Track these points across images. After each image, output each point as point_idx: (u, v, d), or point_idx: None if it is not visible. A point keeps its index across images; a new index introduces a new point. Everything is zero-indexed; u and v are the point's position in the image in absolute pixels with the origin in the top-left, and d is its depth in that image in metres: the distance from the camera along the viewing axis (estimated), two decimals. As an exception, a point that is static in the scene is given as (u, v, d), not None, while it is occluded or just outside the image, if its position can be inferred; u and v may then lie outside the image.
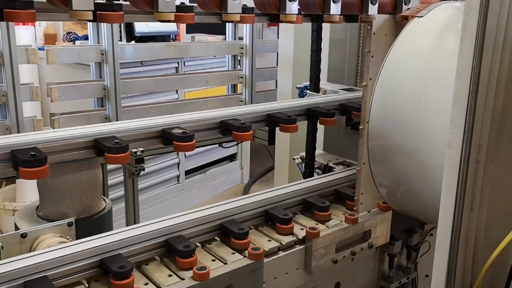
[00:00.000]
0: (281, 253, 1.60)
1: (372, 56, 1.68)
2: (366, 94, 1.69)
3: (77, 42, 4.76)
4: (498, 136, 1.11)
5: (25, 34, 4.58)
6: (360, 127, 1.73)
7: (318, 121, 2.04)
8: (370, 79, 1.69)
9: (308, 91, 2.63)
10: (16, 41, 3.26)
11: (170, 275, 1.42)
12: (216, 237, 1.63)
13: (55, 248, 1.39)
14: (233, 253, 1.54)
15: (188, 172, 5.21)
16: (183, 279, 1.40)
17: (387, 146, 1.67)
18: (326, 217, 1.77)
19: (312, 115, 2.04)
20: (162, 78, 4.18)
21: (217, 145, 4.69)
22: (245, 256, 1.52)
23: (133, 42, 4.55)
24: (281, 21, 1.67)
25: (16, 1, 1.21)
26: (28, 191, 4.06)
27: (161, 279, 1.40)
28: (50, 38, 5.04)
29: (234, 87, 4.77)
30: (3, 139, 1.46)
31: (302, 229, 1.70)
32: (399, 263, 2.14)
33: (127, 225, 2.21)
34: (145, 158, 2.69)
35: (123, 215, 3.12)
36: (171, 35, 5.04)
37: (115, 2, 1.41)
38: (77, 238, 1.68)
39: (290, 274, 1.63)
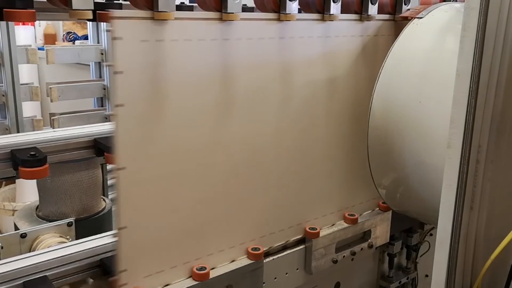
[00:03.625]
0: (281, 253, 1.60)
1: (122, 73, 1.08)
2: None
3: (77, 42, 4.77)
4: (498, 136, 1.11)
5: (25, 34, 4.58)
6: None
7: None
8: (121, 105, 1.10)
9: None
10: (15, 41, 3.26)
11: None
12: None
13: (55, 248, 1.39)
14: (233, 253, 1.54)
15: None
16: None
17: (386, 146, 1.67)
18: (326, 217, 1.77)
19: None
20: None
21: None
22: (244, 256, 1.52)
23: (133, 42, 4.55)
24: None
25: (16, 1, 1.21)
26: (27, 191, 4.06)
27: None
28: (49, 38, 5.04)
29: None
30: (3, 139, 1.46)
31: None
32: (399, 263, 2.13)
33: (126, 225, 2.21)
34: (145, 158, 2.68)
35: (123, 215, 3.11)
36: (171, 35, 5.03)
37: (115, 1, 1.41)
38: (77, 238, 1.68)
39: (290, 274, 1.63)
